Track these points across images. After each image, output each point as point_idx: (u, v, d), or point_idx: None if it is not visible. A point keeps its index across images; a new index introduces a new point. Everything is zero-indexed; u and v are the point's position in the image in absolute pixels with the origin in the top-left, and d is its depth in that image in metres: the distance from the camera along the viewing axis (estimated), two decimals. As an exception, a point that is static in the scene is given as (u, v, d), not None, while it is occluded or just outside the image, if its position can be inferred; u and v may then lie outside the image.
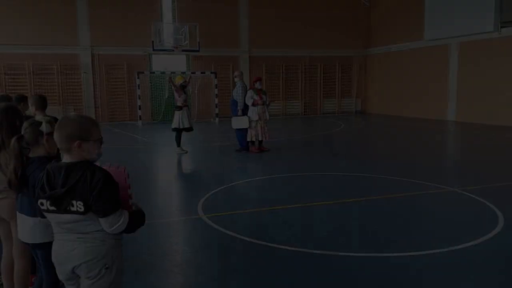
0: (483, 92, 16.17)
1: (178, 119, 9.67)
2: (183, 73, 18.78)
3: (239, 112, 9.69)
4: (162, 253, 4.08)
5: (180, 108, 9.68)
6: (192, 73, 19.10)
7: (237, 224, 4.86)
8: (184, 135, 10.20)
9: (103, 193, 2.01)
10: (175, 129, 9.80)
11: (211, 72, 19.32)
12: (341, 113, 22.19)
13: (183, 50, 18.52)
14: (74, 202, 2.01)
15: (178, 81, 9.87)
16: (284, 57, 21.08)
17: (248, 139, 9.74)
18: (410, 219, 5.07)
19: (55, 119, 2.53)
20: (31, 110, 4.82)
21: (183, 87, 9.82)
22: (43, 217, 2.16)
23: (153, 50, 18.23)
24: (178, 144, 9.87)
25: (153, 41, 17.98)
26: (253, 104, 9.52)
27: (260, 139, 9.74)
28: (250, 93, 9.63)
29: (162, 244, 4.33)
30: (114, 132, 15.01)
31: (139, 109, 18.13)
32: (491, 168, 7.97)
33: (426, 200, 5.84)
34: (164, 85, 18.67)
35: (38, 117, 2.65)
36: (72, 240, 2.09)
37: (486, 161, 8.75)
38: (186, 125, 9.70)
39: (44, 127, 2.56)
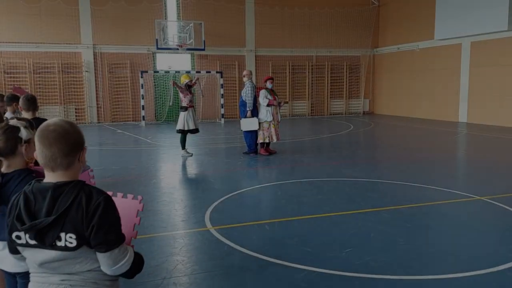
0: (496, 93, 15.64)
1: (183, 120, 9.24)
2: (188, 72, 18.36)
3: (248, 114, 9.28)
4: (166, 274, 3.61)
5: (185, 108, 9.24)
6: (197, 72, 18.68)
7: (249, 238, 4.39)
8: (189, 137, 9.77)
9: (106, 221, 1.55)
10: (180, 131, 9.37)
11: (217, 72, 18.88)
12: (348, 114, 21.69)
13: (188, 49, 18.09)
14: (63, 235, 1.53)
15: (184, 80, 9.43)
16: (290, 56, 20.63)
17: (261, 141, 9.35)
18: (442, 232, 4.59)
19: (31, 123, 2.07)
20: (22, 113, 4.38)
21: (188, 87, 9.37)
22: (16, 252, 1.66)
23: (157, 48, 17.81)
24: (183, 147, 9.44)
25: (157, 40, 17.55)
26: (268, 105, 9.17)
27: (274, 140, 9.38)
28: (263, 93, 9.27)
29: (166, 262, 3.86)
30: (116, 133, 14.58)
31: (143, 109, 17.70)
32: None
33: (454, 210, 5.35)
34: (169, 86, 18.19)
35: (13, 121, 2.17)
36: (55, 283, 1.60)
37: (508, 166, 8.24)
38: (191, 127, 9.26)
39: (23, 133, 2.09)
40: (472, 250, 4.08)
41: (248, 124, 9.23)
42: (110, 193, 1.73)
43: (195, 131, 9.41)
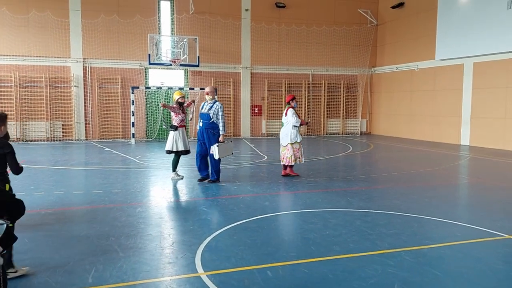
0: (501, 115, 15.16)
1: (172, 140, 8.56)
2: (181, 89, 17.75)
3: (221, 138, 8.18)
4: None
5: (175, 128, 8.56)
6: (191, 89, 18.06)
7: (249, 290, 3.62)
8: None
9: None
10: (168, 152, 8.69)
11: (211, 89, 18.25)
12: (345, 134, 21.11)
13: (182, 65, 17.48)
14: None
15: (176, 96, 8.76)
16: (287, 74, 20.13)
17: (292, 163, 8.92)
18: (479, 284, 3.85)
19: None
20: None
21: (180, 104, 8.71)
22: None
23: (150, 64, 17.19)
24: (174, 169, 8.71)
25: (149, 55, 16.94)
26: (301, 124, 9.00)
27: (303, 161, 9.16)
28: (294, 112, 8.98)
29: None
30: (104, 151, 13.78)
31: (133, 126, 16.96)
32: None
33: (484, 252, 4.63)
34: (159, 106, 17.55)
35: None
36: None
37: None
38: (181, 148, 8.58)
39: None
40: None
41: (225, 150, 8.18)
42: None
43: (185, 152, 8.71)
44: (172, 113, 8.66)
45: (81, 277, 3.83)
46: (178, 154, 8.67)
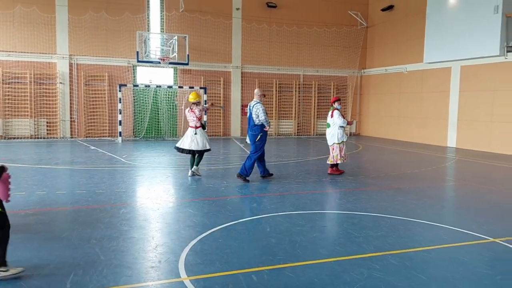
0: (487, 118, 15.31)
1: (207, 138, 9.07)
2: (170, 87, 17.59)
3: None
4: None
5: (203, 127, 9.13)
6: (180, 87, 17.91)
7: (233, 295, 3.53)
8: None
9: None
10: (207, 150, 9.04)
11: (201, 87, 18.13)
12: (335, 135, 21.12)
13: (171, 63, 17.31)
14: None
15: (195, 99, 9.06)
16: (277, 74, 20.09)
17: (339, 161, 9.53)
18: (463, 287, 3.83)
19: None
20: None
21: (198, 105, 9.19)
22: None
23: (138, 61, 16.99)
24: (197, 164, 9.01)
25: (138, 52, 16.73)
26: (347, 124, 9.66)
27: (343, 161, 9.64)
28: (339, 114, 9.57)
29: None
30: (89, 150, 13.56)
31: (120, 124, 16.73)
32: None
33: (470, 256, 4.61)
34: (147, 104, 17.35)
35: None
36: None
37: (514, 199, 7.63)
38: (208, 146, 9.04)
39: None
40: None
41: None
42: None
43: (208, 150, 9.14)
44: (198, 113, 8.99)
45: (59, 282, 3.70)
46: (206, 152, 9.03)
